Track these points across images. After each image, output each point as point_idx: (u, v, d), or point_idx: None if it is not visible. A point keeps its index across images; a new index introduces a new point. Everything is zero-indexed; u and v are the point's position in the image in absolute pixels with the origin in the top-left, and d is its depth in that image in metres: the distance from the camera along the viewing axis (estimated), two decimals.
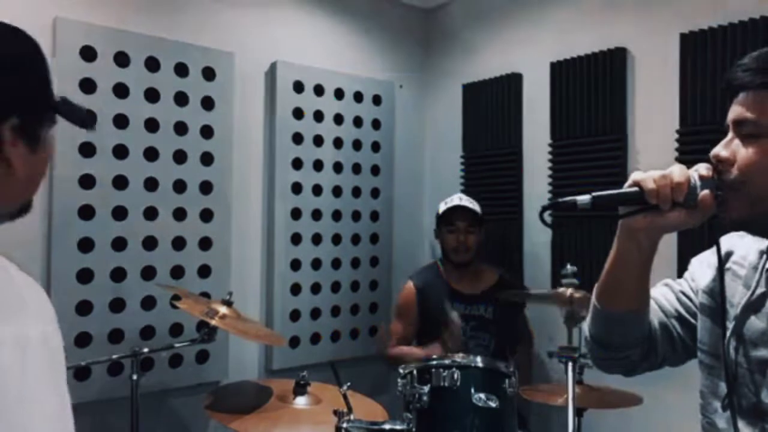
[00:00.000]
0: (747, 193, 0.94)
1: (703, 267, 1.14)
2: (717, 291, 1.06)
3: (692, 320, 1.13)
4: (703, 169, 0.97)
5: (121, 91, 2.52)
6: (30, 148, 0.82)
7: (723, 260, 1.06)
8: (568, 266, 1.99)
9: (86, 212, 2.44)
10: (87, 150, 2.44)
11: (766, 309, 0.99)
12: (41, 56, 0.84)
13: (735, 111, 0.97)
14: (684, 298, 1.16)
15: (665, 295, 1.18)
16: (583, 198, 0.96)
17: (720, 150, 0.98)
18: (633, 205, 0.98)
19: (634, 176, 0.97)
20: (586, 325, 1.18)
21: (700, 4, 2.43)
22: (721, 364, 1.02)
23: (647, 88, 2.61)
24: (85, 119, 0.97)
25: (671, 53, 2.47)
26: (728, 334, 1.01)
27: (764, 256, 1.03)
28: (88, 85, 2.43)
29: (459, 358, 1.93)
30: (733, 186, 0.95)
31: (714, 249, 1.06)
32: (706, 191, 0.94)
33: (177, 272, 2.66)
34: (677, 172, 0.95)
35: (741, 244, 1.09)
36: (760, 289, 1.00)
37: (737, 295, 1.03)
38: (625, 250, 1.05)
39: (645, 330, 1.11)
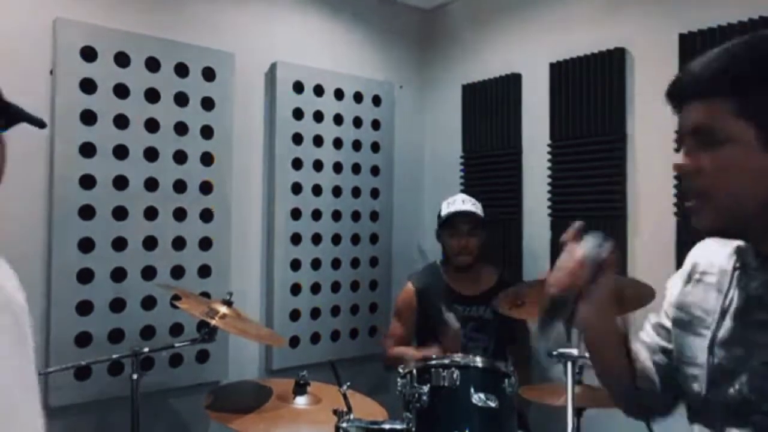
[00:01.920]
0: (716, 200, 0.94)
1: (674, 281, 1.17)
2: (687, 302, 1.09)
3: (671, 345, 1.16)
4: (570, 233, 1.05)
5: (121, 91, 2.52)
6: None
7: (690, 274, 1.11)
8: None
9: (87, 212, 2.44)
10: (87, 150, 2.44)
11: (733, 308, 1.00)
12: None
13: (690, 119, 0.97)
14: (659, 329, 1.19)
15: (647, 332, 1.22)
16: (538, 338, 1.04)
17: (683, 162, 0.98)
18: (565, 310, 1.03)
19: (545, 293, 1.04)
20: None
21: (699, 4, 2.43)
22: (702, 370, 1.03)
23: (647, 89, 2.61)
24: (35, 119, 1.01)
25: (671, 53, 2.47)
26: (705, 340, 1.02)
27: (734, 257, 1.04)
28: (88, 86, 2.44)
29: (458, 357, 1.93)
30: (702, 195, 0.95)
31: (683, 267, 1.12)
32: (603, 252, 1.02)
33: (177, 272, 2.66)
34: (565, 259, 1.03)
35: (703, 254, 1.12)
36: (732, 290, 1.01)
37: (711, 302, 1.05)
38: (595, 333, 1.11)
39: (636, 389, 1.16)
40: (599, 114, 2.72)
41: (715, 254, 1.08)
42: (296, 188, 3.02)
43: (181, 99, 2.67)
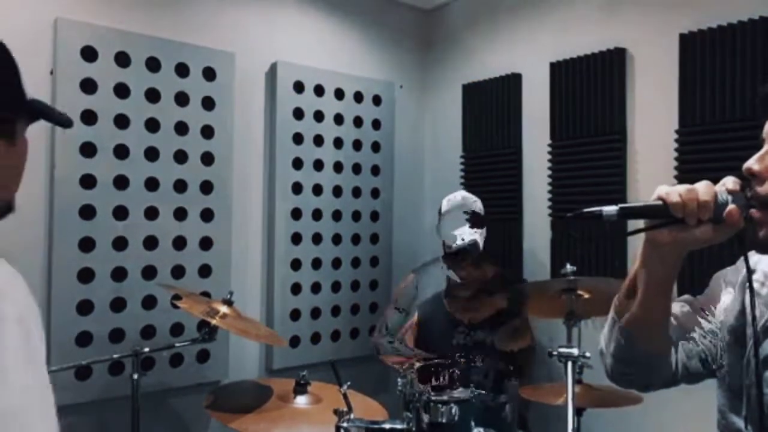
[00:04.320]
0: None
1: (725, 285, 1.11)
2: (739, 311, 1.03)
3: (708, 339, 1.11)
4: (730, 183, 0.93)
5: (121, 91, 2.52)
6: (8, 142, 0.86)
7: (749, 278, 1.03)
8: (568, 266, 2.00)
9: (87, 212, 2.44)
10: (88, 150, 2.44)
11: None
12: (8, 56, 0.89)
13: None
14: (701, 319, 1.13)
15: (684, 312, 1.15)
16: (610, 209, 0.94)
17: (753, 164, 0.92)
18: (658, 219, 0.95)
19: (659, 190, 0.94)
20: (603, 343, 1.16)
21: (699, 4, 2.43)
22: (742, 383, 1.00)
23: (647, 89, 2.61)
24: (62, 118, 1.01)
25: (671, 53, 2.47)
26: (748, 354, 0.99)
27: None
28: (88, 86, 2.44)
29: (457, 393, 1.92)
30: (767, 203, 0.90)
31: (736, 266, 1.03)
32: (733, 206, 0.90)
33: (178, 272, 2.66)
34: (703, 188, 0.91)
35: (764, 261, 1.05)
36: None
37: (758, 314, 1.00)
38: (650, 264, 1.02)
39: (669, 354, 1.11)
40: (599, 114, 2.72)
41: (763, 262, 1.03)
42: (296, 188, 3.02)
43: (182, 99, 2.67)
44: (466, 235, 2.66)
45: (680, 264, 1.01)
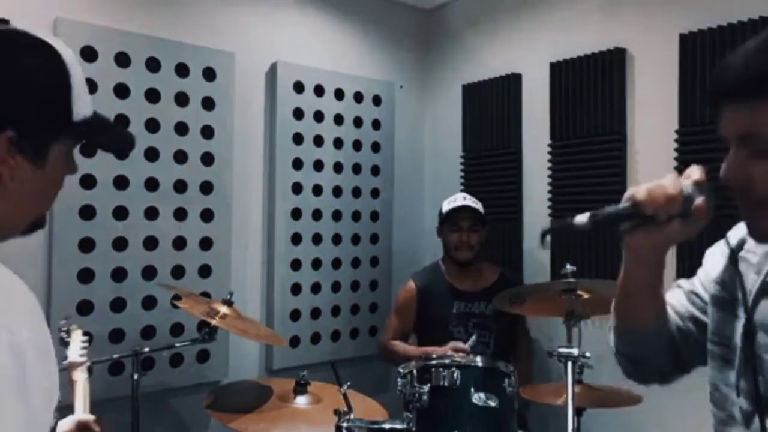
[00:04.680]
0: None
1: (715, 257, 1.12)
2: (728, 280, 1.05)
3: (705, 318, 1.12)
4: (696, 173, 0.94)
5: (121, 91, 2.52)
6: (34, 164, 0.78)
7: (737, 249, 1.05)
8: (568, 266, 2.00)
9: (87, 212, 2.44)
10: (88, 150, 2.44)
11: None
12: (57, 70, 0.80)
13: (735, 125, 0.90)
14: (694, 298, 1.15)
15: (677, 298, 1.17)
16: (581, 219, 0.95)
17: (732, 173, 0.91)
18: (631, 221, 0.97)
19: (628, 192, 0.96)
20: (612, 341, 1.18)
21: (699, 4, 2.43)
22: (733, 353, 1.00)
23: (647, 89, 2.61)
24: (118, 144, 0.93)
25: (671, 53, 2.47)
26: (741, 321, 1.00)
27: None
28: (88, 86, 2.42)
29: (458, 357, 1.93)
30: (760, 205, 0.90)
31: (727, 237, 1.05)
32: (700, 199, 0.92)
33: (178, 272, 2.67)
34: (669, 181, 0.93)
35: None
36: None
37: (749, 282, 1.01)
38: (632, 269, 1.04)
39: (668, 340, 1.12)
40: (599, 114, 2.72)
41: None
42: (296, 188, 3.02)
43: (182, 99, 2.67)
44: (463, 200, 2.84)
45: (663, 263, 1.03)
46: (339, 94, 3.17)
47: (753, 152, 0.88)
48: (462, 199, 2.85)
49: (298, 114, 3.03)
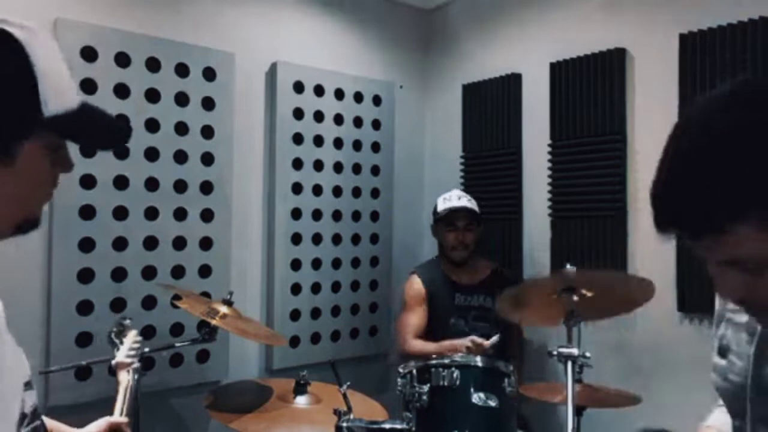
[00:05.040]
0: None
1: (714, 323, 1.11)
2: (723, 346, 1.04)
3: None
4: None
5: (121, 91, 2.52)
6: (1, 163, 0.73)
7: (721, 311, 1.04)
8: (568, 266, 1.99)
9: (87, 212, 2.44)
10: (88, 150, 2.44)
11: None
12: (16, 61, 0.74)
13: (714, 253, 0.80)
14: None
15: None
16: None
17: (737, 295, 0.84)
18: None
19: None
20: None
21: (699, 4, 2.43)
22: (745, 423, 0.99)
23: (647, 89, 2.61)
24: (109, 136, 0.85)
25: (671, 53, 2.47)
26: (745, 389, 0.98)
27: None
28: (88, 86, 2.44)
29: (458, 357, 1.93)
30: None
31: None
32: None
33: (177, 272, 2.67)
34: None
35: None
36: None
37: (742, 344, 1.00)
38: None
39: None
40: (599, 114, 2.72)
41: None
42: (296, 188, 3.02)
43: (182, 99, 2.67)
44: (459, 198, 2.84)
45: None
46: (339, 94, 3.17)
47: (746, 270, 0.79)
48: (457, 198, 2.85)
49: (298, 114, 3.03)
